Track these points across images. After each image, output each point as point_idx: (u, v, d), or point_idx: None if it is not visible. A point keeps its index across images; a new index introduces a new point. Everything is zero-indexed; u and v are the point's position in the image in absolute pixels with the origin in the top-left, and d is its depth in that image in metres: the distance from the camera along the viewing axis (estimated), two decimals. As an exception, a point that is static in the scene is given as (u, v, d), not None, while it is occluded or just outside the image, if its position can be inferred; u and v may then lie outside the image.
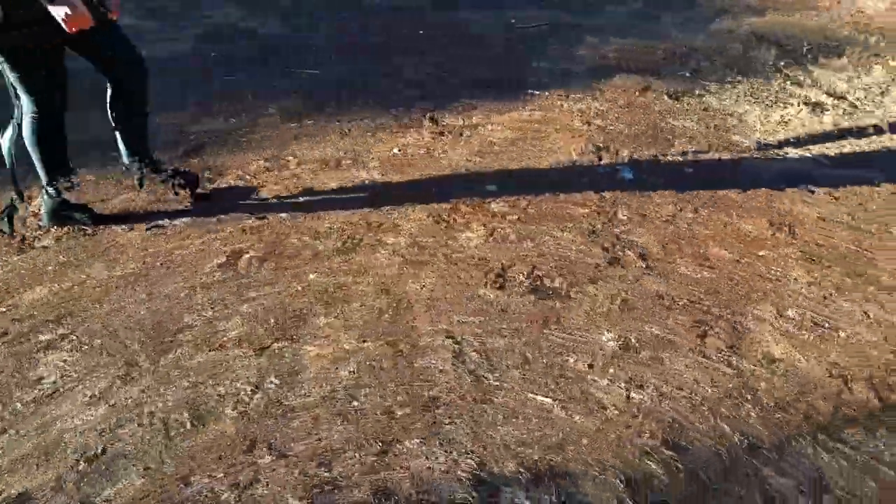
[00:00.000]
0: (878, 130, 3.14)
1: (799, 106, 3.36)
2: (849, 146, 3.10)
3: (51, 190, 2.69)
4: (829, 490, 1.78)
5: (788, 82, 3.59)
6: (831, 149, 3.09)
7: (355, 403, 2.04)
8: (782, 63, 3.77)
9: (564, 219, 2.76)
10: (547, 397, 2.05)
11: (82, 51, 2.49)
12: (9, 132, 2.54)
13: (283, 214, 2.81)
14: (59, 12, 2.21)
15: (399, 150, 3.22)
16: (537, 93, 3.63)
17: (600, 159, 3.10)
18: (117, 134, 2.74)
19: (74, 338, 2.25)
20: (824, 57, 3.79)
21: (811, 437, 1.91)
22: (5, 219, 2.70)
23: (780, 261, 2.51)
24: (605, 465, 1.85)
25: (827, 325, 2.25)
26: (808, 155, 3.06)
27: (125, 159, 2.81)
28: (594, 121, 3.36)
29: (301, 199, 2.91)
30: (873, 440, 1.90)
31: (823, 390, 2.04)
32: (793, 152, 3.09)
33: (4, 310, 2.35)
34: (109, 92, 2.64)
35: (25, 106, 2.50)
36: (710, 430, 1.94)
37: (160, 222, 2.76)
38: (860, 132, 3.17)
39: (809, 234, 2.63)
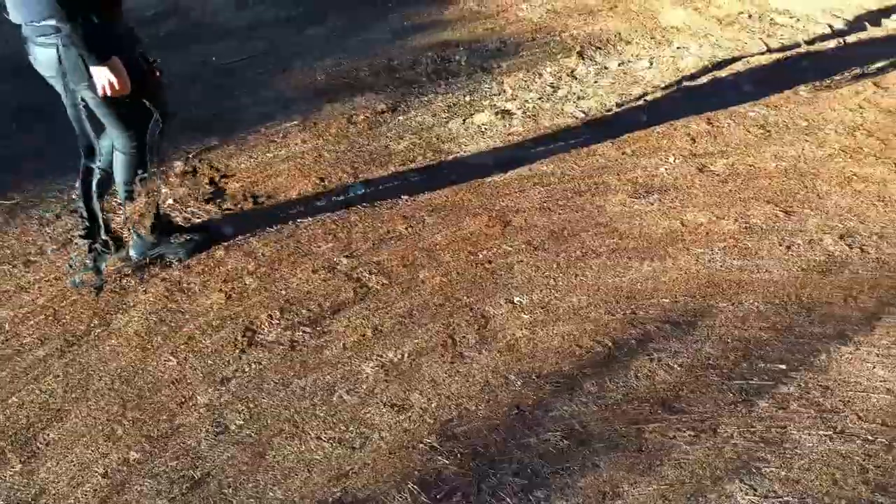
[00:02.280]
0: (558, 128, 3.60)
1: (490, 113, 3.73)
2: (532, 144, 3.51)
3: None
4: (583, 432, 2.01)
5: (478, 91, 3.96)
6: (521, 147, 3.48)
7: (115, 511, 1.85)
8: (471, 72, 4.16)
9: (305, 256, 2.76)
10: (323, 438, 2.04)
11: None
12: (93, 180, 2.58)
13: (-16, 325, 2.45)
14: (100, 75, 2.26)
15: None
16: (250, 135, 3.58)
17: (327, 191, 3.15)
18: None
19: None
20: (504, 62, 4.25)
21: (562, 395, 2.14)
22: (94, 267, 2.64)
23: (504, 252, 2.77)
24: (394, 478, 1.90)
25: (552, 299, 2.53)
26: (506, 155, 3.41)
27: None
28: (312, 154, 3.40)
29: None
30: (608, 384, 2.18)
31: (561, 354, 2.29)
32: (493, 154, 3.42)
33: None
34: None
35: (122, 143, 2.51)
36: (481, 414, 2.08)
37: None
38: (540, 133, 3.60)
39: (521, 222, 2.93)
